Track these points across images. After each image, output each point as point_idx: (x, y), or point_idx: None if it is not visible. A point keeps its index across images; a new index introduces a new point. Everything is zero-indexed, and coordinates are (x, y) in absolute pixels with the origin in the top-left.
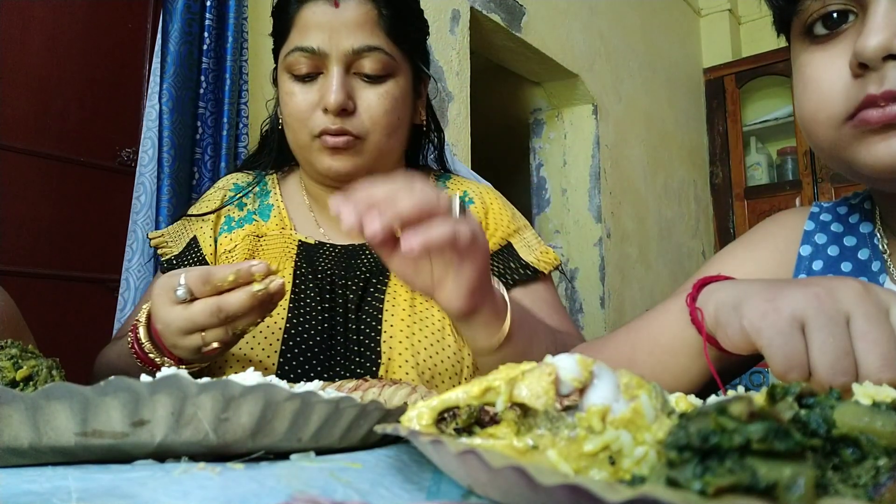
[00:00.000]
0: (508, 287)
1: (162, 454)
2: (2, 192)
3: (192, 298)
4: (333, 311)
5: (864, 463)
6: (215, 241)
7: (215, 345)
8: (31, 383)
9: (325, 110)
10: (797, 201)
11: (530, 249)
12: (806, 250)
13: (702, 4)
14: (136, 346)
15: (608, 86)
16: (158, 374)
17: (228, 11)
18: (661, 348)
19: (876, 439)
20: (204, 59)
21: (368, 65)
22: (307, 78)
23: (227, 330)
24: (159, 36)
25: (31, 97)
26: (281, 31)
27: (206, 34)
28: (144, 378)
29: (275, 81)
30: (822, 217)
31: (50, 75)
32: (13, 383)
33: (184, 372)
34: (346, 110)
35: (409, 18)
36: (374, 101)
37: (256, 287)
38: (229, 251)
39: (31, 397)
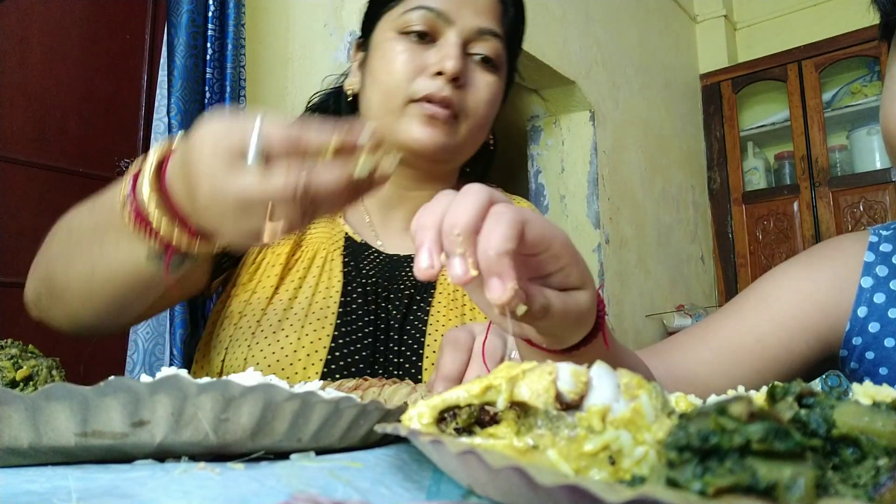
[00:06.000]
0: None
1: (162, 454)
2: (1, 204)
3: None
4: (377, 326)
5: (864, 463)
6: None
7: (278, 231)
8: (31, 383)
9: (438, 74)
10: (795, 205)
11: None
12: (867, 282)
13: (697, 10)
14: (133, 205)
15: (605, 92)
16: (158, 375)
17: (228, 20)
18: None
19: (876, 439)
20: (208, 70)
21: (487, 48)
22: (421, 37)
23: (304, 216)
24: (165, 49)
25: (30, 108)
26: None
27: (208, 45)
28: (144, 378)
29: (360, 47)
30: (881, 247)
31: (48, 86)
32: (13, 383)
33: (184, 372)
34: (457, 80)
35: (522, 25)
36: (482, 87)
37: (360, 169)
38: None
39: (31, 398)
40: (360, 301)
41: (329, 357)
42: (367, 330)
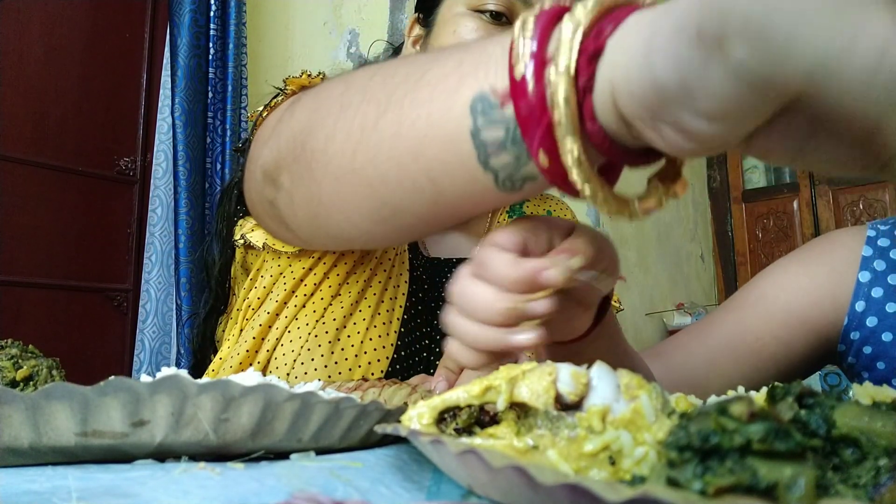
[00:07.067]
0: None
1: (162, 454)
2: (1, 202)
3: None
4: (431, 338)
5: (864, 463)
6: None
7: None
8: (31, 383)
9: None
10: (794, 204)
11: None
12: (865, 276)
13: None
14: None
15: None
16: (159, 375)
17: (229, 18)
18: None
19: (876, 439)
20: (210, 70)
21: None
22: (495, 18)
23: None
24: (167, 49)
25: (30, 107)
26: None
27: (211, 44)
28: (144, 378)
29: (418, 22)
30: (879, 242)
31: (48, 85)
32: (13, 383)
33: (184, 372)
34: None
35: None
36: None
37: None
38: None
39: (31, 397)
40: (420, 308)
41: (390, 370)
42: (424, 342)
